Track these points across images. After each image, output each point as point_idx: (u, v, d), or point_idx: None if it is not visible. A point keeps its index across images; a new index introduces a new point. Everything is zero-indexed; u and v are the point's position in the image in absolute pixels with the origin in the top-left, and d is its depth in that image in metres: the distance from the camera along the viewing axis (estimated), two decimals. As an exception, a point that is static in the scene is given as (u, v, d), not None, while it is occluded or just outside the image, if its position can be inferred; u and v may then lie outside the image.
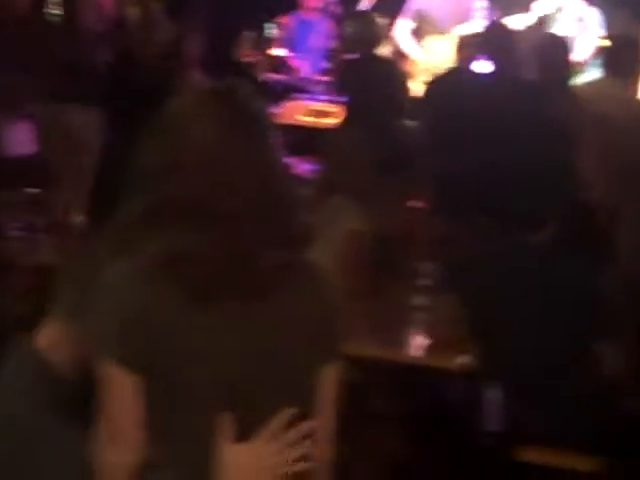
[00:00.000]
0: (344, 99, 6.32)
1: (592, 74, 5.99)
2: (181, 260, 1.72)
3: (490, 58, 5.80)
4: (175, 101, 1.83)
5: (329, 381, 1.88)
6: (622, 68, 5.44)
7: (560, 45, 5.72)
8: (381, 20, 6.60)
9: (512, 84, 5.38)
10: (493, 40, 5.79)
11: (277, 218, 1.78)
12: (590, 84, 5.75)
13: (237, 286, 1.74)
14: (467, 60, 6.20)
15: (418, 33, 7.66)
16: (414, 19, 7.67)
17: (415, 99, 6.03)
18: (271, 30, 6.97)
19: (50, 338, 1.94)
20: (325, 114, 7.87)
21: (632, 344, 4.15)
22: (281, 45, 8.76)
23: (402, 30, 7.66)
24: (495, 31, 5.90)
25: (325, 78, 8.36)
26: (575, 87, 5.67)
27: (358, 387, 3.09)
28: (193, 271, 1.72)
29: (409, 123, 6.29)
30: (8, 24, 6.16)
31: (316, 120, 7.87)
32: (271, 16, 8.08)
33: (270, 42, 7.59)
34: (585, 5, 7.70)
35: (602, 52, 5.94)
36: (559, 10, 7.69)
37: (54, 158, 6.08)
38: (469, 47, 6.20)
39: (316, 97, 8.32)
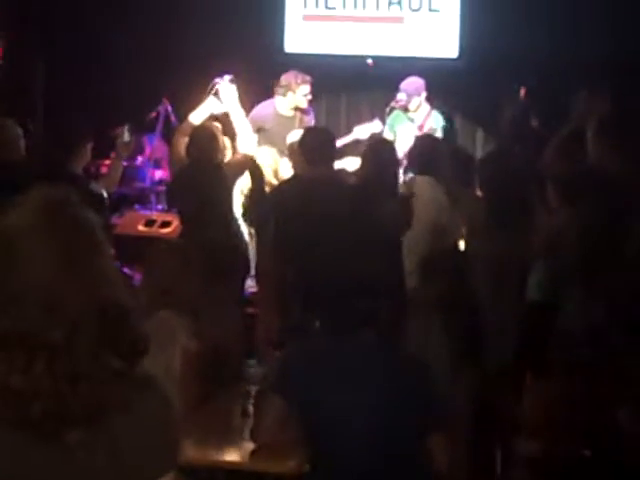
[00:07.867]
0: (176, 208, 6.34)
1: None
2: (12, 398, 1.66)
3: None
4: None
5: None
6: (426, 168, 5.71)
7: (387, 146, 5.94)
8: None
9: (336, 188, 5.50)
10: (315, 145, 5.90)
11: (109, 331, 1.75)
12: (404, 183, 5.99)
13: (73, 415, 1.70)
14: (298, 166, 6.29)
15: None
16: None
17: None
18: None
19: None
20: (164, 224, 7.86)
21: (462, 437, 4.26)
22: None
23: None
24: (320, 136, 6.01)
25: (161, 188, 8.38)
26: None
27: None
28: (27, 408, 1.66)
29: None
30: None
31: (155, 230, 7.84)
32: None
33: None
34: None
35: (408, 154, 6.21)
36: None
37: None
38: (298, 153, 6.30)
39: (154, 207, 8.34)
